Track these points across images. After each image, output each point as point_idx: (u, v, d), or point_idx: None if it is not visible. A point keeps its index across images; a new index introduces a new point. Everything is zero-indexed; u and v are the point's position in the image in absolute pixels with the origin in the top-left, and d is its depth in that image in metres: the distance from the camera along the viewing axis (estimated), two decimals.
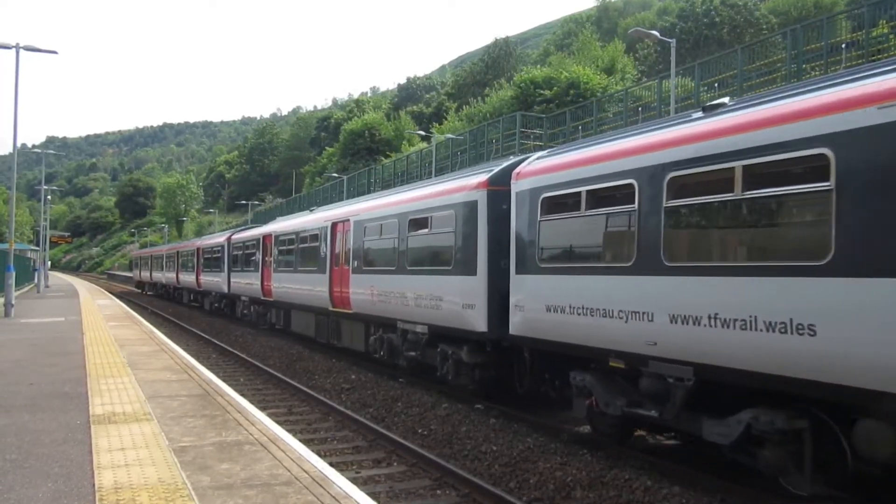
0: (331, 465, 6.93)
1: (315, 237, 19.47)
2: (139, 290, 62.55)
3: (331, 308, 17.86)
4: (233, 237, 30.56)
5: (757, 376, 6.71)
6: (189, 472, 6.23)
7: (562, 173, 9.65)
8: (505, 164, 11.72)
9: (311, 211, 23.56)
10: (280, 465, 6.54)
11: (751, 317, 6.67)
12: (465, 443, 10.00)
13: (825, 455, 6.65)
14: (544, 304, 9.61)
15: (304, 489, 5.82)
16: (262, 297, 24.62)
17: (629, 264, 8.27)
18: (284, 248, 22.46)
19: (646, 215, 8.07)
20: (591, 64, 46.53)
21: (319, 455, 7.48)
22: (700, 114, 8.23)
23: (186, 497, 5.58)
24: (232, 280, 29.55)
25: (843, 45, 24.73)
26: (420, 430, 10.92)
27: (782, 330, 6.35)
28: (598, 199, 8.96)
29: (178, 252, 43.77)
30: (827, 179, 6.07)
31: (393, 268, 14.37)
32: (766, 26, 47.01)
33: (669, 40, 26.64)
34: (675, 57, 25.73)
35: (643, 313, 7.98)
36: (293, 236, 21.69)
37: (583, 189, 9.11)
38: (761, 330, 6.56)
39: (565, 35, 72.39)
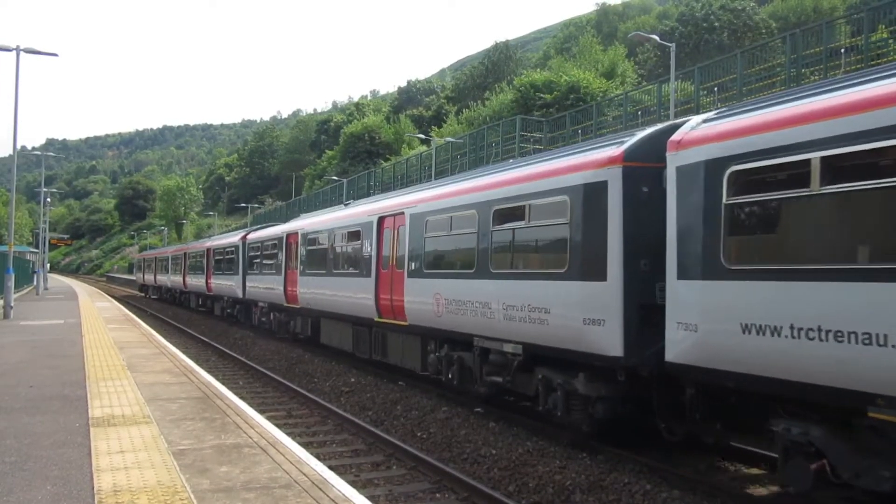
0: (330, 468, 6.92)
1: (355, 234, 16.65)
2: (142, 294, 59.97)
3: (377, 318, 15.02)
4: (249, 236, 27.67)
5: None
6: (188, 475, 6.23)
7: (771, 135, 6.77)
8: (645, 132, 9.02)
9: (345, 205, 20.37)
10: (279, 468, 6.53)
11: None
12: (464, 446, 9.99)
13: None
14: (738, 323, 6.82)
15: (303, 492, 5.82)
16: (286, 304, 21.68)
17: None
18: (314, 247, 19.50)
19: None
20: (592, 68, 46.60)
21: (319, 458, 7.47)
22: None
23: (185, 500, 5.58)
24: (248, 284, 26.58)
25: (843, 50, 24.77)
26: (419, 434, 10.91)
27: None
28: (848, 168, 6.08)
29: (185, 253, 40.63)
30: None
31: (470, 271, 11.47)
32: (765, 31, 47.10)
33: (669, 44, 26.71)
34: (675, 61, 25.78)
35: None
36: (325, 234, 18.81)
37: (814, 155, 6.26)
38: None
39: (565, 39, 72.48)
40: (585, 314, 8.81)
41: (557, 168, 9.83)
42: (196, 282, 36.84)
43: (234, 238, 29.94)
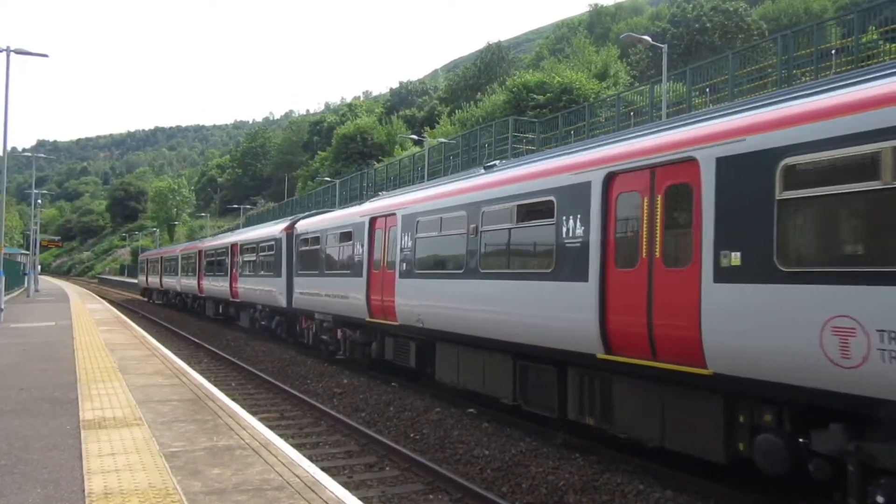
0: (323, 469, 6.91)
1: (542, 208, 9.85)
2: (146, 299, 54.22)
3: (600, 355, 8.52)
4: (299, 226, 20.92)
5: None
6: (180, 478, 6.20)
7: None
8: None
9: (487, 169, 12.55)
10: (272, 469, 6.52)
11: None
12: (457, 447, 9.99)
13: None
14: None
15: (295, 494, 5.80)
16: (368, 319, 15.28)
17: None
18: (433, 236, 12.77)
19: None
20: (585, 69, 46.70)
21: (311, 460, 7.46)
22: None
23: (177, 502, 5.55)
24: (296, 290, 20.10)
25: (833, 51, 24.90)
26: (412, 435, 10.90)
27: None
28: None
29: (201, 252, 34.09)
30: None
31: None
32: (756, 32, 47.31)
33: (661, 45, 26.76)
34: (667, 62, 25.84)
35: None
36: (459, 212, 11.82)
37: None
38: None
39: (558, 40, 72.66)
40: None
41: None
42: (215, 286, 30.68)
43: (273, 229, 23.72)
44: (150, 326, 29.50)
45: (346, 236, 16.93)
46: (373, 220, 15.44)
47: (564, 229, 9.15)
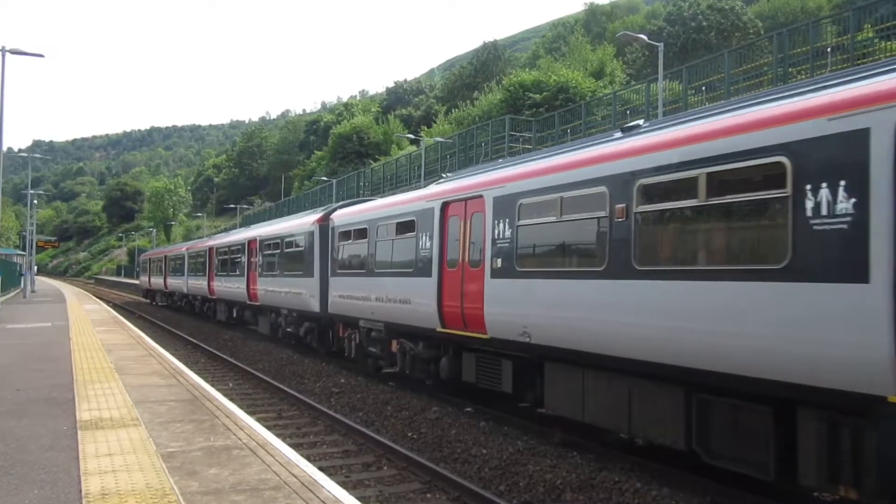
0: (320, 469, 6.91)
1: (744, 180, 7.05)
2: (148, 301, 51.37)
3: None
4: (337, 217, 17.55)
5: None
6: (177, 478, 6.20)
7: None
8: None
9: (623, 133, 9.48)
10: (269, 469, 6.51)
11: None
12: (455, 446, 9.99)
13: None
14: None
15: (293, 493, 5.80)
16: (440, 329, 12.11)
17: None
18: (546, 223, 9.80)
19: None
20: (581, 67, 46.74)
21: (309, 459, 7.45)
22: None
23: (174, 502, 5.55)
24: (333, 293, 17.01)
25: (829, 49, 24.96)
26: (410, 434, 10.90)
27: None
28: None
29: (212, 249, 31.14)
30: None
31: None
32: (752, 30, 47.34)
33: (657, 44, 26.79)
34: (663, 60, 25.87)
35: None
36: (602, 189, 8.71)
37: None
38: None
39: (554, 38, 72.67)
40: None
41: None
42: (229, 287, 27.67)
43: (302, 221, 20.51)
44: (146, 327, 29.45)
45: (405, 227, 13.63)
46: (445, 206, 12.16)
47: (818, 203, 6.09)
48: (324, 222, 18.35)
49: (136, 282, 73.35)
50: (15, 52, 25.72)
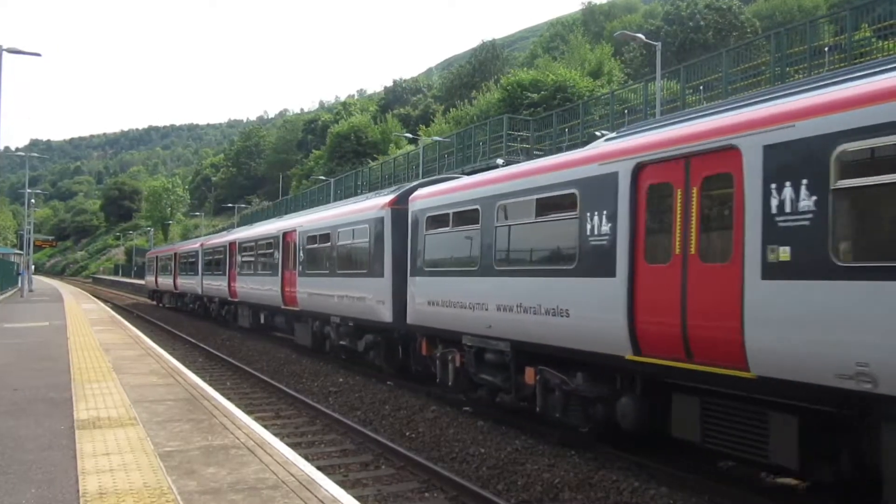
0: (318, 468, 6.91)
1: None
2: (154, 303, 47.68)
3: None
4: (420, 196, 13.51)
5: None
6: (175, 477, 6.19)
7: None
8: None
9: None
10: (267, 468, 6.51)
11: None
12: (452, 445, 9.99)
13: None
14: None
15: (291, 493, 5.80)
16: (638, 357, 8.03)
17: None
18: None
19: None
20: (579, 66, 46.76)
21: (307, 459, 7.45)
22: None
23: (172, 501, 5.54)
24: (419, 298, 13.00)
25: (826, 49, 24.98)
26: (408, 433, 10.90)
27: None
28: None
29: (234, 245, 26.78)
30: None
31: None
32: (750, 30, 47.39)
33: (655, 43, 26.80)
34: (661, 60, 25.88)
35: None
36: None
37: None
38: None
39: (552, 38, 72.67)
40: None
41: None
42: (255, 289, 23.66)
43: (366, 206, 16.23)
44: (144, 326, 29.42)
45: (556, 205, 9.60)
46: (640, 169, 8.12)
47: None
48: (398, 206, 14.39)
49: (134, 281, 73.15)
50: (12, 50, 25.70)
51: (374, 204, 15.61)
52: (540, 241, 10.17)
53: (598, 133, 9.37)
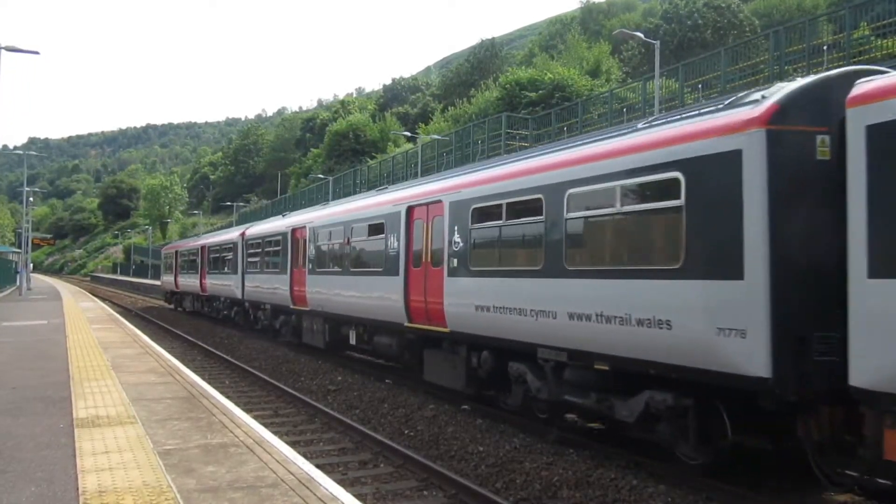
0: (317, 466, 6.91)
1: None
2: (171, 306, 40.78)
3: None
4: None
5: None
6: (174, 475, 6.19)
7: None
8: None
9: None
10: (266, 467, 6.51)
11: None
12: (451, 444, 10.00)
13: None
14: None
15: (290, 491, 5.80)
16: None
17: None
18: None
19: None
20: (577, 65, 46.76)
21: (305, 457, 7.45)
22: None
23: (171, 500, 5.55)
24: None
25: (825, 47, 25.00)
26: (407, 432, 10.91)
27: None
28: None
29: (300, 232, 19.68)
30: None
31: None
32: (748, 28, 47.40)
33: (653, 42, 26.81)
34: (659, 58, 25.89)
35: None
36: None
37: None
38: None
39: (550, 36, 72.70)
40: None
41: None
42: (357, 297, 15.46)
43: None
44: (143, 325, 29.40)
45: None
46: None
47: None
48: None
49: (133, 279, 73.02)
50: (10, 49, 25.65)
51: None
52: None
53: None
